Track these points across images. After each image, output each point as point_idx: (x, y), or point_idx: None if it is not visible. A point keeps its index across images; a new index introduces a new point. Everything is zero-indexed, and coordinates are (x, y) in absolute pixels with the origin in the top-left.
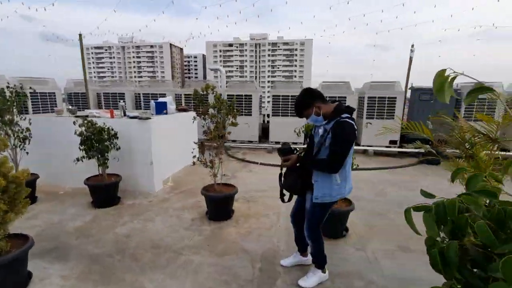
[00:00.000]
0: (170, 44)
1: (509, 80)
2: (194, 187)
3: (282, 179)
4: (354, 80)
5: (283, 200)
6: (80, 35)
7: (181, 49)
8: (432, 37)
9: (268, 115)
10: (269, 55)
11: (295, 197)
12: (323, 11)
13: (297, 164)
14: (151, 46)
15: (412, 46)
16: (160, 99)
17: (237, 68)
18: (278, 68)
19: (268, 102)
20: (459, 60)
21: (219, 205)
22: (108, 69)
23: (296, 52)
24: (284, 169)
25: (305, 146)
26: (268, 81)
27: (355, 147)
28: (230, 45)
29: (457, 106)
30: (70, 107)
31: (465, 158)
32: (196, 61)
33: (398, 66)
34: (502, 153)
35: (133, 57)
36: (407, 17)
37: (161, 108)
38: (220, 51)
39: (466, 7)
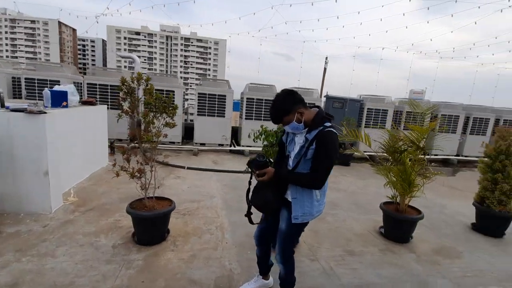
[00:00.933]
0: (60, 22)
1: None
2: (108, 200)
3: (250, 194)
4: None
5: (251, 221)
6: None
7: (74, 29)
8: (326, 53)
9: (185, 113)
10: (181, 50)
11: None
12: (235, 16)
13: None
14: (32, 21)
15: (326, 58)
16: (57, 88)
17: (145, 60)
18: (191, 64)
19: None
20: (347, 74)
21: (153, 225)
22: None
23: (210, 51)
24: (253, 183)
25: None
26: (181, 77)
27: None
28: (138, 33)
29: (360, 114)
30: None
31: (394, 162)
32: (94, 46)
33: (301, 75)
34: (427, 156)
35: (6, 32)
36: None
37: (60, 100)
38: (125, 38)
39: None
